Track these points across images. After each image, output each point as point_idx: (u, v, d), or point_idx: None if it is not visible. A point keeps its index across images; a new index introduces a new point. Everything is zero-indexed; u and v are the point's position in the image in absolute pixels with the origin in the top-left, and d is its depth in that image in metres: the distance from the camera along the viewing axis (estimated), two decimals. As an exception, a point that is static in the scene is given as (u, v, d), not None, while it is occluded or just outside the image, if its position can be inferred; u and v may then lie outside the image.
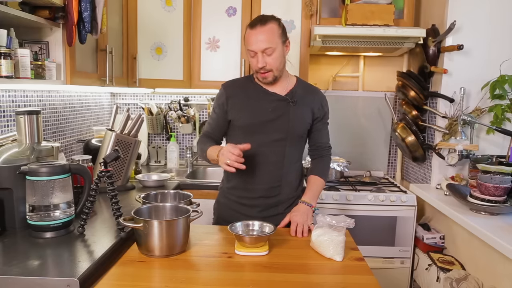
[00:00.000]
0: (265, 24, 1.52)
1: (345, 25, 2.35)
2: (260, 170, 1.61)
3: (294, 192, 1.69)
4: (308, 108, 1.64)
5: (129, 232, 1.40)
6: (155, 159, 2.91)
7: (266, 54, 1.52)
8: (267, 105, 1.60)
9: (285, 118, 1.60)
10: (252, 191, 1.63)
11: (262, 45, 1.50)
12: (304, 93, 1.65)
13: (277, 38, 1.53)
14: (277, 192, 1.64)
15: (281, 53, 1.56)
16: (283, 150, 1.62)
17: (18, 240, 1.31)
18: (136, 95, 2.96)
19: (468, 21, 2.18)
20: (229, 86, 1.67)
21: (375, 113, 2.86)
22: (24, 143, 1.51)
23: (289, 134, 1.61)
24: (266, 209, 1.64)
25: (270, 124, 1.60)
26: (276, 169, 1.62)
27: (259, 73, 1.57)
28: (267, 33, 1.51)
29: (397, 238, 2.33)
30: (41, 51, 1.64)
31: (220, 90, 1.67)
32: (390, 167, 2.95)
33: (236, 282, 1.11)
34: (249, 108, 1.61)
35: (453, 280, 1.83)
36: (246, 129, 1.62)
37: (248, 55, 1.57)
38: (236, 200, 1.67)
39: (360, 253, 1.33)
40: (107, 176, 1.39)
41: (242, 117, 1.61)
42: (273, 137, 1.60)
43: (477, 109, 2.19)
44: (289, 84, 1.65)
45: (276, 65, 1.55)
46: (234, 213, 1.66)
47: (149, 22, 2.44)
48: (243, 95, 1.63)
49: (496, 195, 1.77)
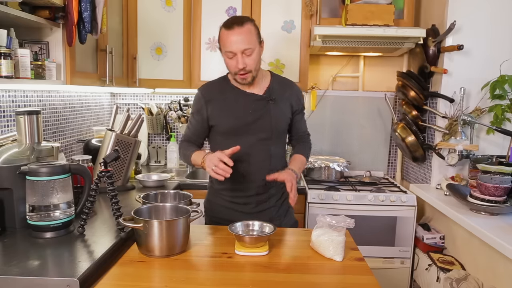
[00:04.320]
0: (243, 25, 1.50)
1: (345, 25, 2.35)
2: (249, 170, 1.63)
3: (283, 183, 1.69)
4: (287, 104, 1.67)
5: (129, 232, 1.40)
6: (155, 159, 2.91)
7: (245, 55, 1.51)
8: (247, 107, 1.61)
9: (267, 117, 1.62)
10: (244, 191, 1.66)
11: (241, 46, 1.49)
12: (281, 89, 1.67)
13: (254, 38, 1.52)
14: (268, 187, 1.66)
15: (258, 53, 1.56)
16: (269, 148, 1.64)
17: (18, 240, 1.31)
18: (136, 95, 2.96)
19: (468, 21, 2.18)
20: (206, 89, 1.66)
21: (375, 113, 2.86)
22: (24, 143, 1.51)
23: (273, 132, 1.64)
24: (260, 204, 1.68)
25: (253, 125, 1.61)
26: (264, 167, 1.64)
27: (238, 74, 1.55)
28: (246, 34, 1.49)
29: (397, 238, 2.33)
30: (41, 51, 1.64)
31: (197, 95, 1.66)
32: (390, 167, 2.95)
33: (236, 282, 1.11)
34: (230, 112, 1.61)
35: (453, 280, 1.83)
36: (229, 133, 1.62)
37: (225, 57, 1.55)
38: (229, 200, 1.69)
39: (360, 253, 1.33)
40: (107, 176, 1.39)
41: (223, 121, 1.61)
42: (258, 137, 1.62)
43: (477, 109, 2.19)
44: (265, 82, 1.66)
45: (255, 66, 1.55)
46: (228, 210, 1.68)
47: (149, 22, 2.44)
48: (222, 99, 1.62)
49: (496, 195, 1.77)
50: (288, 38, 2.51)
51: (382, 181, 2.70)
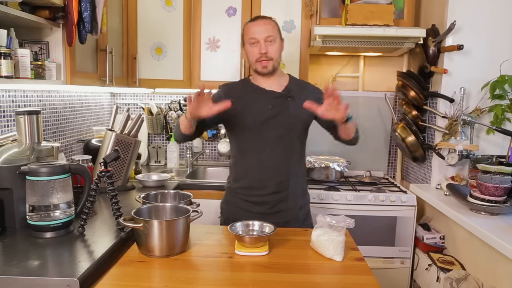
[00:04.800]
0: (266, 19, 1.64)
1: (345, 25, 2.35)
2: (267, 167, 1.65)
3: (301, 182, 1.73)
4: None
5: (129, 232, 1.40)
6: (155, 159, 2.91)
7: (268, 42, 1.60)
8: (266, 103, 1.65)
9: (285, 114, 1.65)
10: (261, 189, 1.66)
11: (264, 33, 1.59)
12: (298, 89, 1.70)
13: (276, 31, 1.64)
14: (286, 186, 1.66)
15: (280, 46, 1.65)
16: (288, 145, 1.66)
17: (18, 240, 1.31)
18: (136, 95, 2.96)
19: (468, 21, 2.18)
20: (226, 87, 1.74)
21: (375, 113, 2.86)
22: (24, 143, 1.51)
23: (291, 129, 1.65)
24: (276, 204, 1.67)
25: (272, 121, 1.63)
26: (283, 164, 1.65)
27: (259, 62, 1.61)
28: (269, 25, 1.62)
29: (397, 238, 2.33)
30: (41, 51, 1.64)
31: (216, 92, 1.72)
32: (390, 167, 2.95)
33: (236, 282, 1.11)
34: (250, 108, 1.65)
35: (453, 280, 1.83)
36: (249, 128, 1.65)
37: (248, 46, 1.63)
38: (245, 199, 1.69)
39: (360, 253, 1.33)
40: (107, 176, 1.39)
41: (243, 117, 1.65)
42: (277, 133, 1.64)
43: (477, 109, 2.19)
44: (284, 81, 1.71)
45: (276, 56, 1.63)
46: (243, 212, 1.68)
47: (149, 22, 2.44)
48: (242, 96, 1.67)
49: (496, 195, 1.77)
50: (288, 38, 2.51)
51: (382, 181, 2.70)
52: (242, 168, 1.70)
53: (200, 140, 2.92)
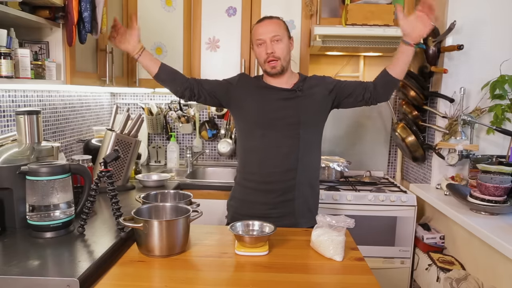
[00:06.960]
0: (272, 18, 1.66)
1: (345, 25, 2.35)
2: (274, 154, 1.65)
3: (313, 175, 1.73)
4: (317, 95, 1.69)
5: (129, 232, 1.40)
6: (155, 159, 2.91)
7: (274, 41, 1.61)
8: (276, 97, 1.67)
9: (295, 108, 1.66)
10: (268, 175, 1.66)
11: (270, 33, 1.61)
12: (309, 85, 1.71)
13: (283, 30, 1.65)
14: (293, 175, 1.66)
15: (287, 45, 1.65)
16: (297, 133, 1.65)
17: (18, 240, 1.31)
18: (136, 95, 2.96)
19: (468, 21, 2.18)
20: (243, 76, 1.80)
21: (375, 113, 2.86)
22: (24, 143, 1.51)
23: (301, 122, 1.65)
24: (283, 194, 1.67)
25: (281, 111, 1.65)
26: (291, 152, 1.65)
27: (267, 62, 1.63)
28: (274, 25, 1.64)
29: (397, 238, 2.33)
30: (41, 51, 1.63)
31: (234, 76, 1.78)
32: (390, 167, 2.95)
33: (236, 282, 1.11)
34: (260, 103, 1.68)
35: (453, 280, 1.83)
36: (258, 122, 1.67)
37: (256, 48, 1.65)
38: (253, 187, 1.70)
39: (360, 253, 1.33)
40: (107, 176, 1.39)
41: (253, 111, 1.67)
42: (285, 121, 1.65)
43: (477, 109, 2.19)
44: (294, 79, 1.73)
45: (284, 55, 1.63)
46: (250, 205, 1.69)
47: (149, 22, 2.44)
48: (253, 90, 1.71)
49: (496, 195, 1.77)
50: (288, 38, 2.51)
51: (382, 181, 2.70)
52: (252, 161, 1.70)
53: (200, 140, 2.92)
